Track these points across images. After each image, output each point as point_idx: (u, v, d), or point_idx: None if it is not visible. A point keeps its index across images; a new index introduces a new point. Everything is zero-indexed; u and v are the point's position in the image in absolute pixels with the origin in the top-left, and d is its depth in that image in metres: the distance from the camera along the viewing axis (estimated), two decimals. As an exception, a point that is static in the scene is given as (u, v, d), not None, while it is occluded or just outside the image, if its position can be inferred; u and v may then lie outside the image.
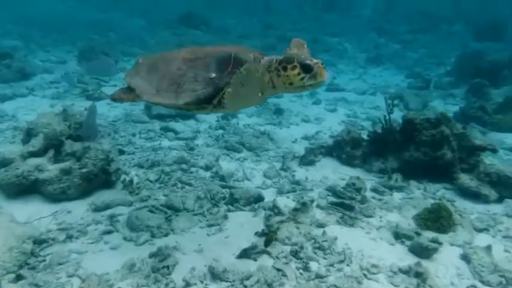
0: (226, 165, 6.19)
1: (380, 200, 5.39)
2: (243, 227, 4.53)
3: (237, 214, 4.81)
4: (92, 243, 4.08)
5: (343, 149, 6.50)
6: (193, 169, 5.97)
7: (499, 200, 5.37)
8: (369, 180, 5.83)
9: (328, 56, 15.90)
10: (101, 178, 4.90)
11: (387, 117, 6.32)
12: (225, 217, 4.67)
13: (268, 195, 5.27)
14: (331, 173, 6.13)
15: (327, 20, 21.93)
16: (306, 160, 6.41)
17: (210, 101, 2.93)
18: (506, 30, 17.52)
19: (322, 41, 17.99)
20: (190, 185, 5.42)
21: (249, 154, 6.69)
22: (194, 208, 4.77)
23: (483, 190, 5.37)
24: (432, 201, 5.27)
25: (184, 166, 5.98)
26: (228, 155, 6.59)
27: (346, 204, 5.05)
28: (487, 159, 6.22)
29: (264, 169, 6.10)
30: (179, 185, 5.42)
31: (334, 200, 5.18)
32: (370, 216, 4.92)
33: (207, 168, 6.01)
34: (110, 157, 4.98)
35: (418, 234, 4.47)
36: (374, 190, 5.60)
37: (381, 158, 6.28)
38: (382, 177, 5.94)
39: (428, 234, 4.47)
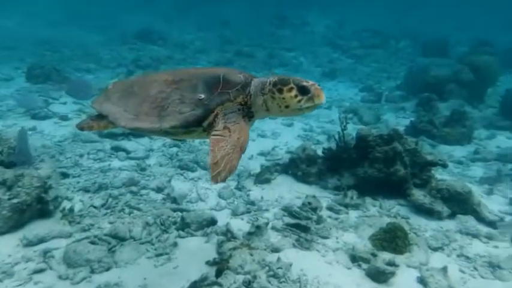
0: (180, 185, 5.78)
1: (336, 219, 5.18)
2: (194, 255, 4.14)
3: (188, 240, 4.41)
4: (19, 285, 3.54)
5: (298, 166, 6.27)
6: (143, 191, 5.50)
7: (452, 216, 5.29)
8: (325, 198, 5.64)
9: (285, 70, 15.83)
10: (35, 208, 4.34)
11: (341, 134, 6.16)
12: (175, 245, 4.27)
13: (222, 218, 4.93)
14: (287, 191, 5.87)
15: (283, 36, 21.99)
16: (262, 178, 6.12)
17: (200, 123, 2.64)
18: (449, 46, 18.19)
19: (279, 55, 17.98)
20: (139, 209, 4.96)
21: (204, 173, 6.30)
22: (142, 236, 4.33)
23: (436, 207, 5.29)
24: (387, 218, 5.14)
25: (134, 188, 5.51)
26: (181, 175, 6.18)
27: (302, 225, 4.79)
28: (438, 172, 6.18)
29: (219, 189, 5.73)
30: (127, 210, 4.95)
31: (290, 220, 4.92)
32: (326, 238, 4.69)
33: (158, 190, 5.56)
34: (48, 184, 4.44)
35: (374, 255, 4.26)
36: (330, 209, 5.38)
37: (337, 175, 6.11)
38: (338, 194, 5.76)
39: (385, 256, 4.27)
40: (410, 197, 5.48)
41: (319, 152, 6.37)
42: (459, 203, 5.32)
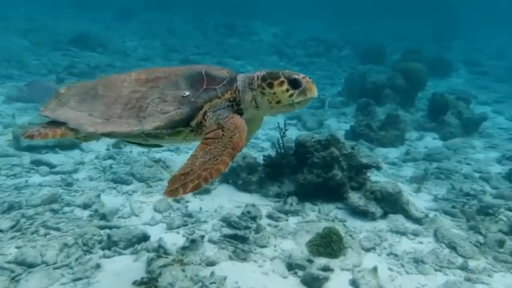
0: (111, 200, 5.42)
1: (275, 226, 5.08)
2: (119, 276, 3.83)
3: (114, 260, 4.08)
4: None
5: (239, 174, 6.12)
6: (67, 209, 5.07)
7: (384, 216, 5.39)
8: (265, 206, 5.53)
9: (232, 79, 15.72)
10: None
11: (280, 141, 6.09)
12: (98, 266, 3.92)
13: (156, 233, 4.65)
14: (227, 201, 5.69)
15: (230, 44, 21.91)
16: (201, 188, 5.88)
17: (188, 122, 2.34)
18: (385, 54, 18.93)
19: (227, 64, 17.83)
20: (58, 229, 4.52)
21: (140, 186, 5.98)
22: (57, 260, 3.92)
23: (370, 208, 5.36)
24: (325, 223, 5.13)
25: (55, 206, 5.04)
26: (114, 189, 5.81)
27: (240, 236, 4.65)
28: (374, 174, 6.28)
29: (155, 202, 5.44)
30: (42, 231, 4.45)
31: (228, 231, 4.76)
32: (265, 246, 4.58)
33: (85, 206, 5.15)
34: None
35: (310, 262, 4.21)
36: (270, 216, 5.28)
37: (277, 182, 6.03)
38: (279, 201, 5.67)
39: (321, 261, 4.25)
40: (347, 200, 5.52)
41: (260, 160, 6.27)
42: (390, 203, 5.43)
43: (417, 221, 5.32)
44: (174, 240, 4.54)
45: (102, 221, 4.82)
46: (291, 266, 4.17)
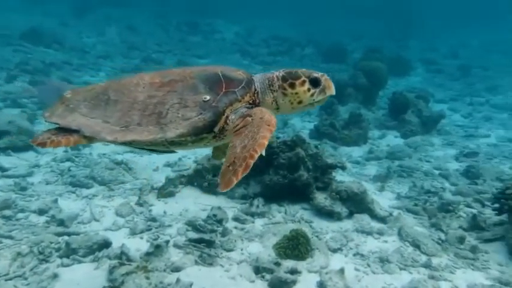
0: (70, 205, 5.16)
1: (242, 229, 5.01)
2: (79, 285, 3.64)
3: (72, 269, 3.87)
4: None
5: (204, 176, 6.00)
6: (21, 215, 4.77)
7: (350, 216, 5.45)
8: (232, 208, 5.46)
9: (195, 78, 15.51)
10: None
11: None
12: (55, 276, 3.70)
13: (118, 239, 4.46)
14: (193, 204, 5.57)
15: (193, 42, 21.61)
16: (165, 191, 5.74)
17: (211, 128, 2.25)
18: (346, 53, 19.35)
19: (189, 62, 17.55)
20: (11, 237, 4.24)
21: (101, 189, 5.74)
22: (9, 270, 3.67)
23: (336, 208, 5.39)
24: (292, 224, 5.11)
25: (7, 212, 4.73)
26: (73, 193, 5.54)
27: (206, 240, 4.55)
28: (339, 173, 6.36)
29: (117, 206, 5.23)
30: (-7, 240, 4.20)
31: (194, 235, 4.64)
32: (231, 250, 4.51)
33: (41, 212, 4.86)
34: None
35: (278, 265, 4.16)
36: (236, 219, 5.21)
37: (243, 183, 5.96)
38: (245, 203, 5.60)
39: (288, 263, 4.21)
40: (313, 200, 5.54)
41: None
42: (356, 203, 5.49)
43: (382, 219, 5.41)
44: (138, 245, 4.38)
45: (59, 227, 4.57)
46: (258, 270, 4.11)
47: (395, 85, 15.25)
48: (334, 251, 4.68)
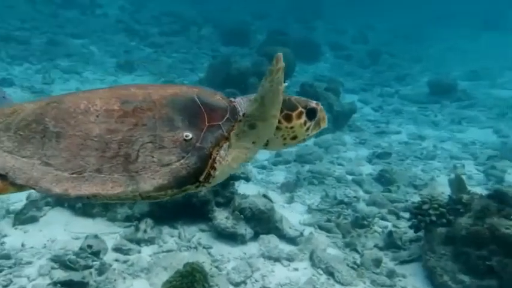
0: None
1: (125, 262, 4.81)
2: None
3: None
4: None
5: (78, 196, 5.45)
6: None
7: (255, 237, 5.42)
8: (113, 234, 5.19)
9: (71, 62, 14.53)
10: None
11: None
12: None
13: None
14: (62, 231, 5.22)
15: (67, 18, 20.02)
16: (25, 217, 5.30)
17: (197, 177, 1.93)
18: (249, 35, 19.48)
19: (63, 43, 16.30)
20: None
21: None
22: None
23: (239, 229, 5.33)
24: (187, 253, 4.99)
25: None
26: None
27: (76, 282, 4.24)
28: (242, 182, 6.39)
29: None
30: None
31: (61, 275, 4.32)
32: (110, 292, 4.19)
33: None
34: None
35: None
36: (117, 249, 4.96)
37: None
38: (130, 226, 5.35)
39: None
40: (212, 221, 5.43)
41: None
42: (262, 222, 5.48)
43: (292, 241, 5.44)
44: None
45: None
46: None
47: (303, 72, 15.76)
48: (237, 285, 4.59)
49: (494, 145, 10.40)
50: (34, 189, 1.79)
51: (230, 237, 5.31)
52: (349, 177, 7.87)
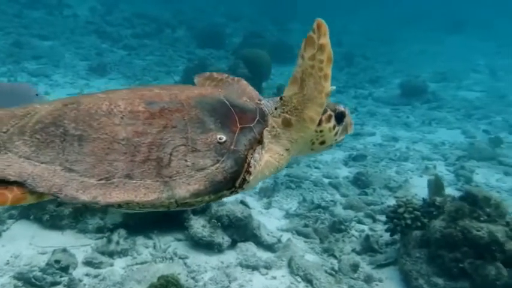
0: None
1: (96, 276, 4.62)
2: None
3: None
4: None
5: (45, 207, 5.40)
6: None
7: (232, 245, 5.31)
8: (83, 247, 4.99)
9: (39, 65, 14.04)
10: None
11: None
12: None
13: None
14: (27, 246, 4.96)
15: (34, 18, 19.37)
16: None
17: (234, 182, 1.81)
18: (224, 37, 19.33)
19: (30, 45, 15.70)
20: None
21: None
22: None
23: (216, 238, 5.20)
24: (162, 265, 4.80)
25: None
26: None
27: None
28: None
29: None
30: None
31: None
32: (80, 310, 3.98)
33: None
34: None
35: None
36: (88, 263, 4.78)
37: (99, 211, 5.41)
38: (102, 237, 5.14)
39: (158, 322, 3.81)
40: (189, 229, 5.26)
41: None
42: (239, 230, 5.38)
43: (269, 248, 5.37)
44: None
45: None
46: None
47: (280, 74, 15.69)
48: (214, 297, 4.47)
49: (462, 145, 10.59)
50: (58, 197, 1.62)
51: (207, 246, 5.18)
52: (326, 181, 7.82)
